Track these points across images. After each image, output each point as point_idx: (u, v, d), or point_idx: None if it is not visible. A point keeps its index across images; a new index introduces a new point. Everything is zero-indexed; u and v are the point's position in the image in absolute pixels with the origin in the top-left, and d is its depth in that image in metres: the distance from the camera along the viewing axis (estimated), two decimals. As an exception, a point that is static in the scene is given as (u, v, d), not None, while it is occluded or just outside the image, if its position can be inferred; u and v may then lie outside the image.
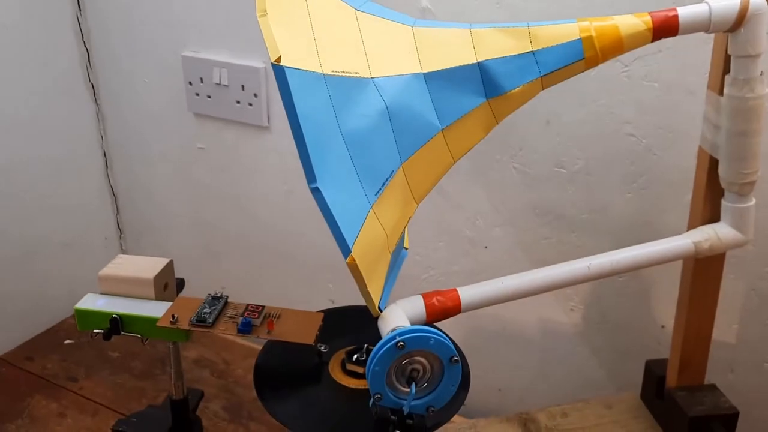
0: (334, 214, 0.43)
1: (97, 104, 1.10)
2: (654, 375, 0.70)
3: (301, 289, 1.03)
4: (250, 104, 0.95)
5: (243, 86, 0.95)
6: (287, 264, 1.02)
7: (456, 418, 0.65)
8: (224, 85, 0.96)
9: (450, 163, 0.54)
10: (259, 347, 0.59)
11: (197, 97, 0.99)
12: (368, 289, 0.47)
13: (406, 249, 0.64)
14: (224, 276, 1.09)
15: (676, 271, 0.72)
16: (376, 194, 0.48)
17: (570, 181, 0.77)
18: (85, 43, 1.05)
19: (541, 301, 0.85)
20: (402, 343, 0.46)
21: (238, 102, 0.96)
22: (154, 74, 1.02)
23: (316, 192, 0.42)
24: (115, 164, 1.13)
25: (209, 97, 0.98)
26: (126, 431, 0.70)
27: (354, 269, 0.45)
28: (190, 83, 0.99)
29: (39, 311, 1.06)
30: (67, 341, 1.03)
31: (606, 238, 0.78)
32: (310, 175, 0.42)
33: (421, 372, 0.48)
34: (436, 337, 0.47)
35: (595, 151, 0.75)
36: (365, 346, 0.56)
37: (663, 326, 0.79)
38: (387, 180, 0.49)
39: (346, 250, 0.44)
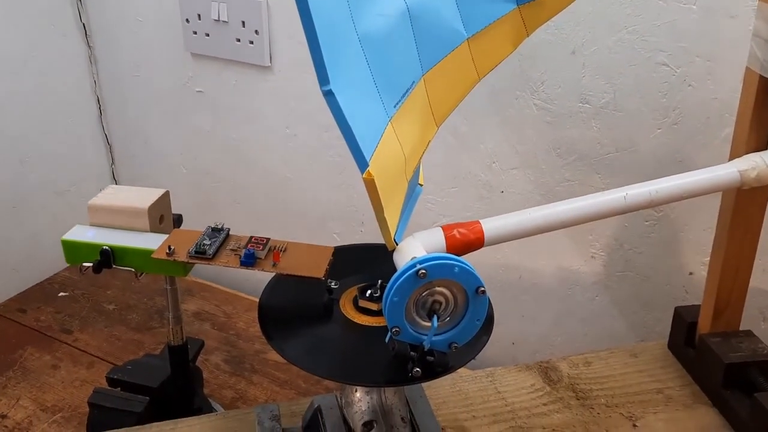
0: (349, 122, 0.38)
1: (89, 46, 1.04)
2: (684, 322, 0.66)
3: (305, 240, 0.98)
4: (251, 42, 0.89)
5: (243, 22, 0.89)
6: (290, 212, 0.98)
7: (464, 371, 0.61)
8: (223, 22, 0.90)
9: (474, 80, 0.49)
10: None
11: (195, 35, 0.94)
12: (384, 214, 0.42)
13: (421, 185, 0.59)
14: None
15: (706, 212, 0.67)
16: (395, 106, 0.42)
17: (595, 117, 0.72)
18: (75, -21, 0.99)
19: (559, 247, 0.80)
20: (424, 271, 0.41)
21: (238, 40, 0.90)
22: (149, 12, 0.96)
23: (329, 95, 0.37)
24: (108, 110, 1.08)
25: (207, 35, 0.92)
26: (121, 379, 0.67)
27: (371, 186, 0.40)
28: (187, 20, 0.93)
29: (32, 263, 1.02)
30: (61, 294, 0.99)
31: (633, 179, 0.71)
32: (323, 77, 0.37)
33: (444, 305, 0.44)
34: (462, 265, 0.42)
35: (623, 83, 0.69)
36: (379, 281, 0.51)
37: (691, 273, 0.74)
38: (407, 91, 0.43)
39: (363, 164, 0.39)
